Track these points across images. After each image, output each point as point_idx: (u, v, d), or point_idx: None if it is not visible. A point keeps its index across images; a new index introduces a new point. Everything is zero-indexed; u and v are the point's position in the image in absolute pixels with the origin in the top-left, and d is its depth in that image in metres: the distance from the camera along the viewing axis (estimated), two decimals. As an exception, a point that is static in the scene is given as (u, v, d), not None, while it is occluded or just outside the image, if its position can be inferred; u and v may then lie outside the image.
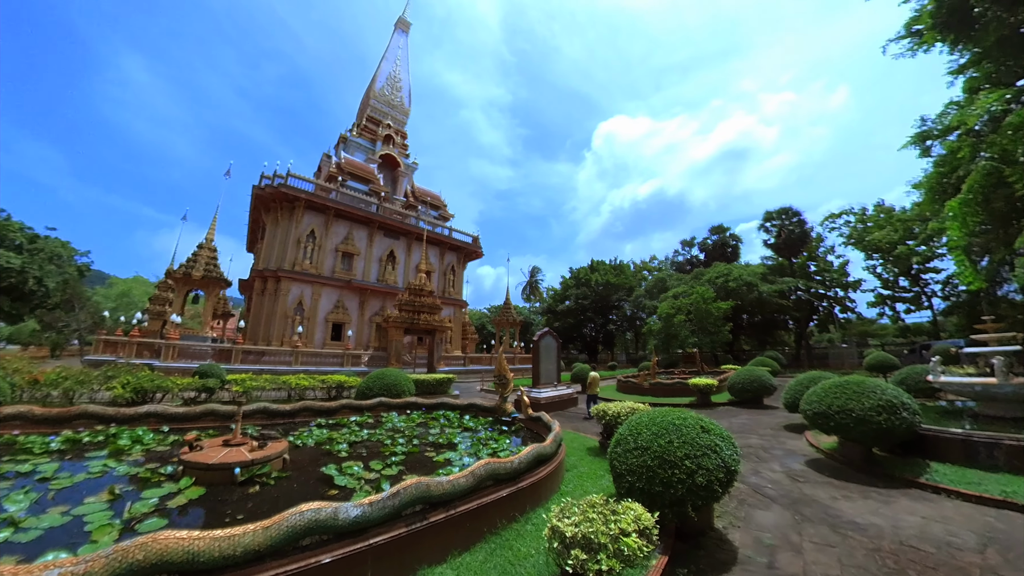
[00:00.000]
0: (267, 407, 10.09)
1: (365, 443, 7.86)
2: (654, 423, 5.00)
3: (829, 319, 40.15)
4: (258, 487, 5.30)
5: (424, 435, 8.61)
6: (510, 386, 10.47)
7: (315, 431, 8.75)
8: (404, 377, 14.16)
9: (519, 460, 5.31)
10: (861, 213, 34.96)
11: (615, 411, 8.17)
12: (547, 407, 14.71)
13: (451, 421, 10.16)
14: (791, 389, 10.71)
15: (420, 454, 7.13)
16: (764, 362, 23.28)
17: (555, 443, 6.33)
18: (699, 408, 14.70)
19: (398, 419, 10.41)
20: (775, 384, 14.55)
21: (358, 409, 11.08)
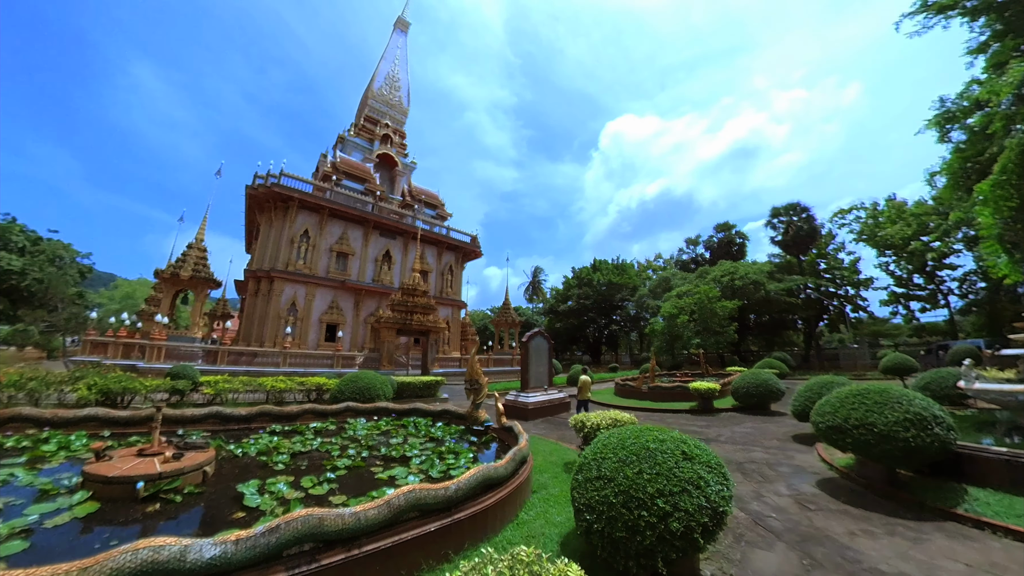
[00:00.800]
0: (220, 411, 9.19)
1: (312, 454, 6.98)
2: (624, 446, 3.96)
3: (840, 318, 38.49)
4: (159, 505, 4.63)
5: (383, 445, 7.68)
6: (483, 392, 9.46)
7: (263, 439, 7.83)
8: (380, 380, 13.23)
9: (457, 486, 4.29)
10: (872, 208, 33.38)
11: (594, 423, 7.12)
12: (536, 413, 13.69)
13: (419, 429, 9.17)
14: (801, 395, 9.55)
15: (365, 469, 6.18)
16: (771, 364, 21.99)
17: (512, 463, 5.29)
18: (700, 415, 13.55)
19: (364, 426, 9.46)
20: (783, 388, 13.34)
21: (322, 414, 10.18)
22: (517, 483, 5.23)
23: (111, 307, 52.83)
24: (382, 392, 12.84)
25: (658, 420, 12.72)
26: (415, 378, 18.03)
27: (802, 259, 37.18)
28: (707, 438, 10.00)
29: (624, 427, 4.52)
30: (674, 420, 12.71)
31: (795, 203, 35.63)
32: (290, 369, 22.62)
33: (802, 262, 37.06)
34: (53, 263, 38.24)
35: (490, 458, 7.11)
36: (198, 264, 24.67)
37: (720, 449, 8.91)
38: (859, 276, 35.69)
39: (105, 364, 19.92)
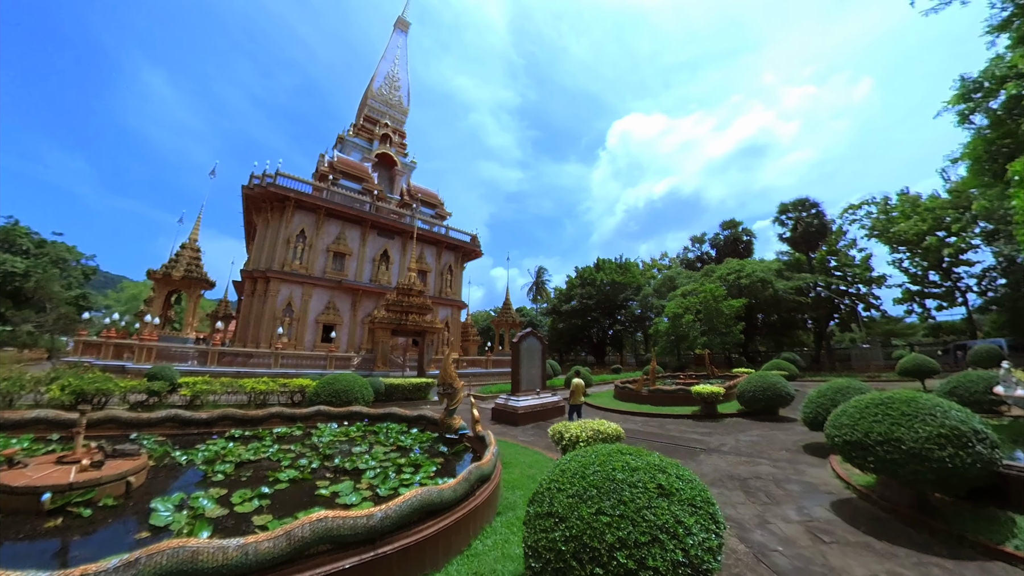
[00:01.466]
0: (179, 414, 8.54)
1: (262, 462, 6.30)
2: (584, 473, 3.09)
3: (851, 318, 37.01)
4: (62, 519, 4.08)
5: (343, 454, 6.94)
6: (458, 396, 8.63)
7: (216, 445, 7.15)
8: (360, 383, 12.51)
9: (384, 513, 3.48)
10: (884, 203, 31.95)
11: (573, 434, 6.24)
12: (526, 418, 12.82)
13: (389, 437, 8.38)
14: (812, 401, 8.56)
15: (310, 483, 5.42)
16: (780, 365, 20.89)
17: (464, 484, 4.45)
18: (702, 420, 12.58)
19: (332, 432, 8.72)
20: (792, 392, 12.31)
21: (290, 419, 9.48)
22: (470, 507, 4.38)
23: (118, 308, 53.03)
24: (360, 395, 12.11)
25: (656, 426, 11.79)
26: (404, 380, 17.30)
27: (811, 256, 35.78)
28: (708, 448, 9.06)
29: (592, 448, 3.65)
30: (674, 426, 11.76)
31: (804, 198, 34.28)
32: (281, 370, 22.01)
33: (811, 260, 35.65)
34: (57, 265, 38.26)
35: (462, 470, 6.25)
36: (191, 264, 24.21)
37: (722, 462, 7.97)
38: (871, 274, 34.23)
39: (94, 365, 19.59)
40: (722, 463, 7.86)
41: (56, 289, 28.71)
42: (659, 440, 9.93)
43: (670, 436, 10.39)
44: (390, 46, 47.12)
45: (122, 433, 7.92)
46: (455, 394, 8.67)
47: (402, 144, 42.56)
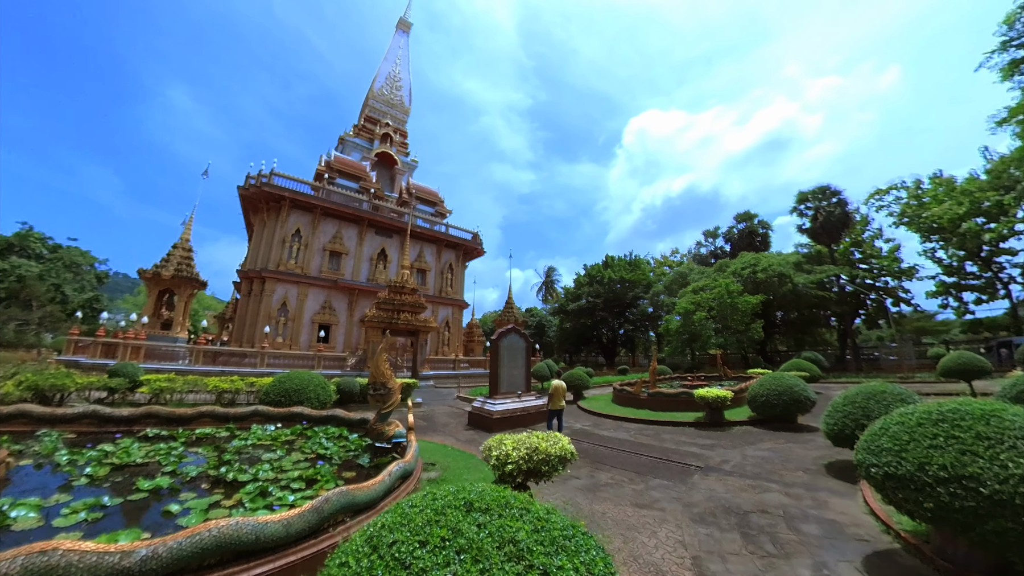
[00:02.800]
0: (97, 410, 7.81)
1: (149, 467, 5.57)
2: (414, 524, 1.55)
3: (879, 313, 34.04)
4: None
5: (251, 460, 6.06)
6: (393, 399, 7.21)
7: (112, 445, 6.48)
8: (315, 383, 11.28)
9: (151, 550, 2.09)
10: (915, 187, 29.10)
11: (503, 452, 4.74)
12: (502, 424, 11.29)
13: (316, 442, 7.30)
14: (838, 409, 6.77)
15: (171, 496, 4.40)
16: (800, 365, 18.74)
17: (300, 520, 2.98)
18: (706, 429, 10.79)
19: (263, 434, 7.72)
20: (812, 396, 10.40)
21: (223, 419, 8.61)
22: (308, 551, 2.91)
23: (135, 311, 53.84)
24: (314, 396, 10.91)
25: (650, 436, 10.08)
26: (384, 382, 15.89)
27: (834, 248, 33.02)
28: (706, 466, 7.35)
29: (439, 490, 2.12)
30: (671, 436, 10.03)
31: (824, 186, 31.60)
32: (268, 370, 21.07)
33: (834, 251, 32.88)
34: (70, 269, 38.70)
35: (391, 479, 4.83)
36: (181, 264, 23.59)
37: (720, 486, 6.27)
38: (900, 265, 31.33)
39: (83, 364, 19.25)
40: (720, 488, 6.17)
41: (41, 289, 28.72)
42: (647, 454, 8.25)
43: (663, 449, 8.69)
44: (392, 47, 46.40)
45: (32, 429, 7.27)
46: (389, 396, 7.26)
47: (403, 143, 41.63)
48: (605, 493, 6.22)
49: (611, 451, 8.73)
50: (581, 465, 7.78)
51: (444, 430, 11.56)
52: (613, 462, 7.89)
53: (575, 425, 11.98)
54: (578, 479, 6.94)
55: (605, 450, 8.84)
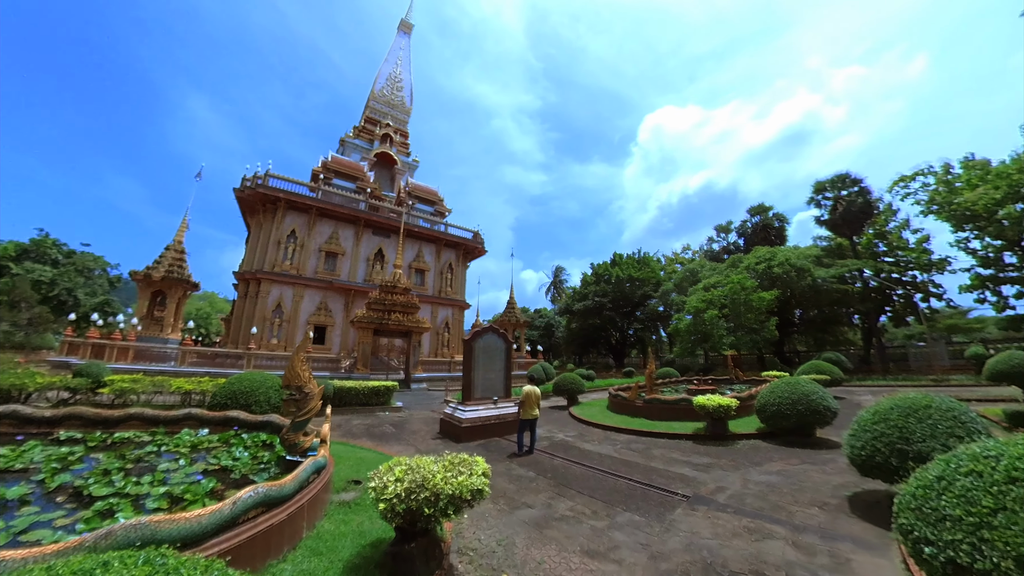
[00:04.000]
0: (17, 410, 7.24)
1: (28, 471, 5.09)
2: None
3: (907, 309, 31.27)
4: None
5: (146, 470, 5.36)
6: (311, 404, 5.94)
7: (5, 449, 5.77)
8: (267, 384, 10.29)
9: None
10: (944, 171, 26.42)
11: (380, 484, 3.35)
12: (472, 433, 9.93)
13: (235, 449, 6.41)
14: (866, 428, 5.14)
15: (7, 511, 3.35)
16: (819, 367, 16.75)
17: None
18: (706, 443, 9.18)
19: (190, 440, 6.99)
20: (834, 405, 8.67)
21: (152, 421, 7.83)
22: None
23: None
24: (265, 398, 9.90)
25: (639, 451, 8.53)
26: (359, 383, 14.85)
27: (856, 241, 30.46)
28: (696, 495, 5.81)
29: None
30: (663, 452, 8.46)
31: (844, 174, 29.11)
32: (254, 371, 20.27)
33: (856, 244, 30.32)
34: (82, 273, 39.13)
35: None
36: (172, 265, 23.07)
37: (707, 527, 4.74)
38: (930, 257, 28.62)
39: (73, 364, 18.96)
40: (706, 530, 4.65)
41: (29, 291, 28.77)
42: (627, 477, 6.74)
43: (647, 470, 7.16)
44: (393, 48, 45.80)
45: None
46: (305, 401, 5.98)
47: (404, 143, 40.82)
48: (555, 531, 4.78)
49: (585, 471, 7.25)
50: (543, 488, 6.37)
51: (409, 439, 10.29)
52: (582, 486, 6.42)
53: (557, 436, 10.50)
54: (531, 508, 5.53)
55: (579, 469, 7.37)
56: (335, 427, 12.00)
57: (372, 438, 10.42)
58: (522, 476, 7.08)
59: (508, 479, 6.91)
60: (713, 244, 46.42)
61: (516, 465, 7.78)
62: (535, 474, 7.19)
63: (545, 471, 7.33)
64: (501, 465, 7.82)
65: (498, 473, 7.30)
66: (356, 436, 10.65)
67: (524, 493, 6.20)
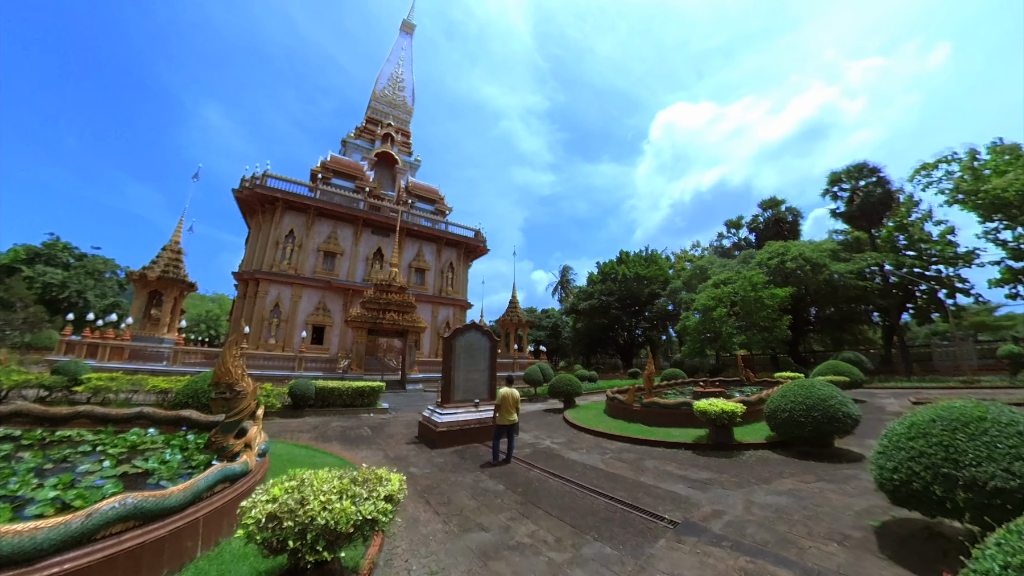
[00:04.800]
0: None
1: None
2: None
3: (932, 306, 29.33)
4: None
5: (52, 472, 4.87)
6: (243, 404, 5.18)
7: None
8: None
9: None
10: (970, 158, 24.60)
11: (250, 503, 2.42)
12: (447, 439, 9.04)
13: (173, 450, 5.97)
14: (897, 444, 4.06)
15: None
16: (837, 367, 15.39)
17: None
18: (707, 454, 8.11)
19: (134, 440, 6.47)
20: (855, 412, 7.49)
21: (102, 420, 7.42)
22: None
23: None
24: None
25: (630, 463, 7.51)
26: (343, 383, 14.12)
27: (875, 234, 28.68)
28: (687, 522, 4.79)
29: None
30: (657, 464, 7.42)
31: (861, 163, 27.40)
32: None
33: (875, 237, 28.54)
34: (92, 276, 39.51)
35: None
36: (168, 265, 22.76)
37: (695, 566, 3.73)
38: (956, 250, 26.74)
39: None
40: (691, 572, 3.64)
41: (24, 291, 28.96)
42: (609, 495, 5.73)
43: (634, 486, 6.14)
44: (395, 48, 45.39)
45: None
46: (236, 400, 5.18)
47: (406, 143, 40.28)
48: (503, 563, 3.86)
49: (562, 486, 6.28)
50: (508, 506, 5.45)
51: (383, 443, 9.51)
52: (554, 505, 5.46)
53: (543, 442, 9.52)
54: (485, 532, 4.61)
55: (555, 484, 6.39)
56: (310, 429, 11.32)
57: (343, 442, 9.64)
58: (488, 490, 6.15)
59: (471, 494, 5.99)
60: (723, 240, 44.75)
61: (486, 476, 6.85)
62: (504, 488, 6.26)
63: (516, 485, 6.39)
64: (469, 476, 6.90)
65: (462, 486, 6.39)
66: (327, 440, 9.88)
67: (483, 512, 5.28)
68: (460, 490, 6.21)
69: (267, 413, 13.37)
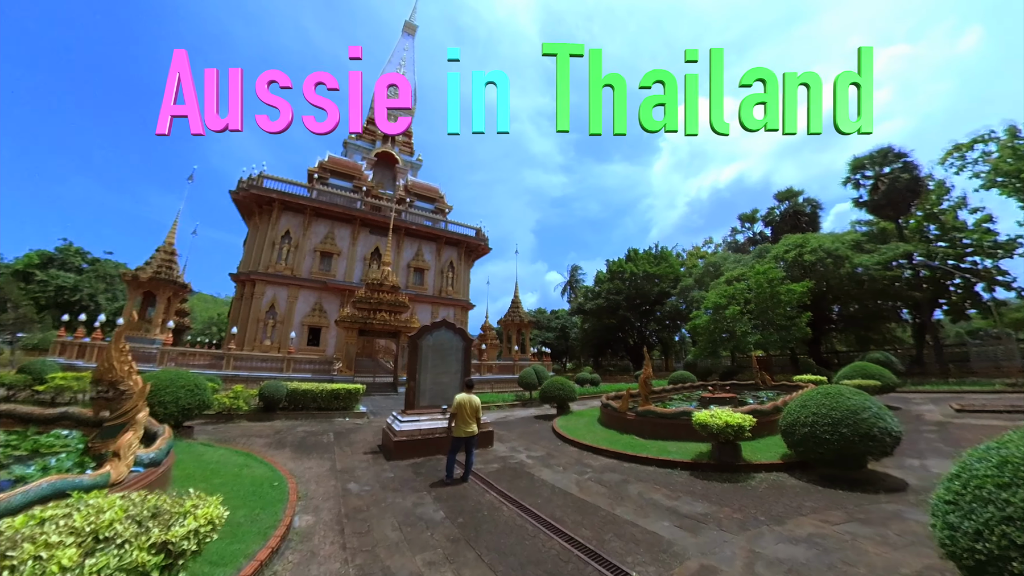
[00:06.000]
0: None
1: None
2: None
3: (967, 301, 26.74)
4: None
5: None
6: (127, 406, 4.13)
7: None
8: (183, 383, 8.95)
9: None
10: (1009, 136, 22.13)
11: None
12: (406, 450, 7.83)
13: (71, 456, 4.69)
14: (985, 494, 2.59)
15: None
16: (866, 369, 13.50)
17: None
18: (706, 477, 6.64)
19: (49, 442, 5.82)
20: (895, 428, 5.87)
21: (24, 419, 6.82)
22: None
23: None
24: (173, 398, 8.67)
25: (609, 489, 6.09)
26: (317, 385, 13.09)
27: (902, 223, 26.30)
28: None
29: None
30: (640, 491, 5.99)
31: (886, 148, 25.10)
32: (232, 372, 19.12)
33: (902, 228, 26.18)
34: (103, 280, 39.91)
35: None
36: (161, 266, 22.28)
37: None
38: (995, 239, 24.20)
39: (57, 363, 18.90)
40: None
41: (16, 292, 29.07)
42: (571, 534, 4.35)
43: (606, 521, 4.76)
44: (396, 49, 44.79)
45: None
46: (120, 400, 4.15)
47: (407, 143, 39.48)
48: None
49: (516, 517, 4.94)
50: (435, 543, 4.25)
51: (339, 451, 8.52)
52: (492, 546, 4.15)
53: (516, 456, 8.18)
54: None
55: (509, 513, 5.07)
56: (272, 434, 10.32)
57: (297, 449, 8.58)
58: (422, 519, 4.92)
59: (401, 522, 4.78)
60: (737, 235, 42.43)
61: (430, 500, 5.57)
62: (443, 516, 5.00)
63: (460, 513, 5.11)
64: (410, 498, 5.64)
65: (395, 511, 5.16)
66: (281, 446, 8.84)
67: (401, 550, 4.07)
68: (389, 517, 4.99)
69: (234, 416, 12.49)
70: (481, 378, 25.07)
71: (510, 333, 30.79)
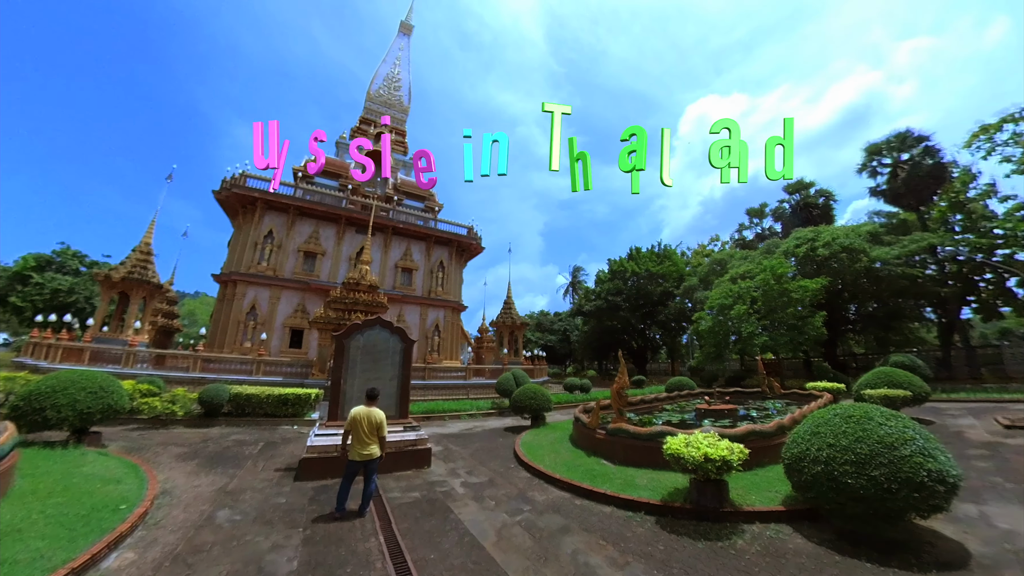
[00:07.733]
0: None
1: None
2: None
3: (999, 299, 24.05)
4: None
5: None
6: None
7: None
8: (84, 384, 7.66)
9: None
10: (1049, 116, 19.62)
11: None
12: (313, 467, 6.16)
13: None
14: None
15: None
16: (892, 377, 11.30)
17: None
18: (686, 525, 4.77)
19: None
20: (953, 472, 3.95)
21: None
22: None
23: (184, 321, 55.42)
24: (69, 402, 7.29)
25: (543, 541, 4.27)
26: (262, 389, 11.56)
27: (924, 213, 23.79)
28: None
29: None
30: (584, 545, 4.16)
31: (905, 132, 22.66)
32: (199, 375, 17.83)
33: (925, 218, 23.67)
34: (100, 284, 39.37)
35: None
36: (135, 266, 21.20)
37: None
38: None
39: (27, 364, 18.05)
40: None
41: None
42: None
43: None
44: (391, 49, 43.79)
45: None
46: None
47: (401, 142, 38.23)
48: None
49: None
50: None
51: (251, 467, 7.27)
52: None
53: (448, 483, 6.43)
54: None
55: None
56: (197, 442, 9.11)
57: (205, 462, 7.19)
58: (261, 571, 3.36)
59: (228, 573, 3.11)
60: (745, 232, 39.95)
61: (297, 541, 3.97)
62: (293, 570, 3.40)
63: (318, 566, 3.49)
64: (273, 537, 4.06)
65: (242, 554, 3.69)
66: (189, 458, 7.51)
67: None
68: (226, 563, 3.56)
69: (168, 422, 11.06)
70: (467, 383, 23.37)
71: (503, 335, 29.07)
